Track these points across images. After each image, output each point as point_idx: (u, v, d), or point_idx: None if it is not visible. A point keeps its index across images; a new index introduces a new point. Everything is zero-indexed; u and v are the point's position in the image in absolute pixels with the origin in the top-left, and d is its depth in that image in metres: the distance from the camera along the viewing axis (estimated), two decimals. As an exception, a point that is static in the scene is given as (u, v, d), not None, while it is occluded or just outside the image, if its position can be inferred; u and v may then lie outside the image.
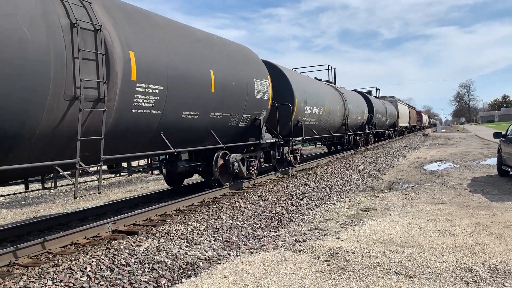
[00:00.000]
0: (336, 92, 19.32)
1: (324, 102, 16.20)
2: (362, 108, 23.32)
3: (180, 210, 8.22)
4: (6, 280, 4.61)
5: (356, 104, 22.05)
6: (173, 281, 4.83)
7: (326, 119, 16.67)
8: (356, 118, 21.87)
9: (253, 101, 10.37)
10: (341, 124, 19.37)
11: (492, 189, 10.02)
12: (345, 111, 19.52)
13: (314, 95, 15.18)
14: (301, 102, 13.72)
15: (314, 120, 15.28)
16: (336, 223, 7.49)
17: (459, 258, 5.14)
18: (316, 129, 15.78)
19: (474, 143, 28.78)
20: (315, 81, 17.54)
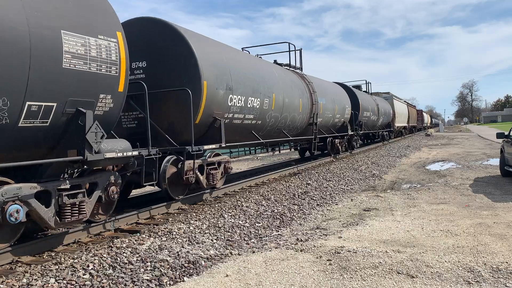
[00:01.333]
0: (299, 81, 14.20)
1: (273, 92, 11.24)
2: (342, 104, 18.60)
3: (182, 209, 8.23)
4: (9, 278, 4.63)
5: (333, 98, 17.31)
6: (175, 280, 4.84)
7: (277, 116, 11.72)
8: (333, 116, 17.39)
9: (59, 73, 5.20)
10: (308, 123, 14.60)
11: (494, 190, 10.00)
12: (313, 106, 14.57)
13: (249, 79, 9.96)
14: (219, 88, 8.59)
15: (252, 117, 10.27)
16: (338, 223, 7.49)
17: (461, 258, 5.14)
18: (257, 130, 10.89)
19: (477, 143, 28.71)
20: (255, 60, 11.60)
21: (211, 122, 8.67)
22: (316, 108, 14.80)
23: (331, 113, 16.97)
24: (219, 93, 8.61)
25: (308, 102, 14.18)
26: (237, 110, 9.43)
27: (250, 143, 11.08)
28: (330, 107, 16.75)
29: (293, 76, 13.97)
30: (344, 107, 18.94)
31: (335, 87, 19.43)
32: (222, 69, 8.79)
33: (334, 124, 18.02)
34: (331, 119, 17.29)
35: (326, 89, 17.11)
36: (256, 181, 11.46)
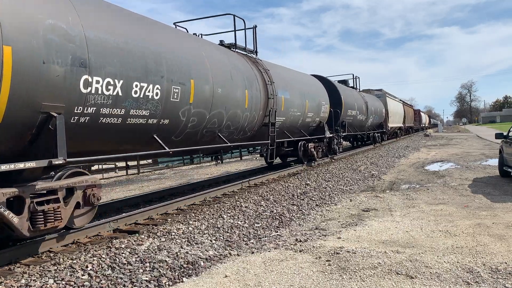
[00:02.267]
0: (246, 67, 10.65)
1: (191, 77, 7.77)
2: (316, 100, 15.12)
3: (181, 209, 8.23)
4: (7, 279, 4.62)
5: (302, 92, 13.90)
6: (174, 280, 4.83)
7: (202, 114, 8.19)
8: (303, 115, 13.87)
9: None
10: (262, 124, 11.25)
11: (493, 190, 10.01)
12: (269, 101, 11.21)
13: (134, 54, 6.46)
14: (52, 62, 5.17)
15: (148, 113, 6.82)
16: (337, 223, 7.49)
17: (460, 259, 5.14)
18: (166, 134, 7.50)
19: (476, 144, 28.75)
20: (155, 29, 7.56)
21: (41, 122, 5.13)
22: (273, 103, 11.35)
23: (299, 110, 13.44)
24: (54, 71, 5.10)
25: (260, 96, 10.73)
26: (106, 101, 5.89)
27: (144, 154, 7.42)
28: (298, 103, 13.32)
29: (238, 60, 10.41)
30: (320, 103, 15.41)
31: (308, 79, 15.74)
32: (62, 32, 5.22)
33: (306, 124, 14.61)
34: (300, 119, 13.76)
35: (292, 80, 13.56)
36: (255, 181, 11.45)
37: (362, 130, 23.99)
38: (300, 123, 13.95)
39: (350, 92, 21.53)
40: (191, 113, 7.87)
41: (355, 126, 21.73)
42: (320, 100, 15.56)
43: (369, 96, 26.54)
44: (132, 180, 16.89)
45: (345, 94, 19.49)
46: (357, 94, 23.07)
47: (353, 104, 20.66)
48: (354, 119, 21.05)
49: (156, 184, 14.68)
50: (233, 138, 10.09)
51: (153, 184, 14.83)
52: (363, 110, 22.90)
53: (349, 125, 20.20)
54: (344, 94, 19.06)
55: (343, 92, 19.02)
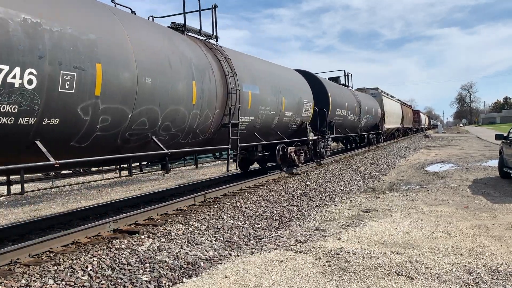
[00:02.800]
0: (198, 54, 8.74)
1: (96, 60, 5.85)
2: (297, 97, 13.29)
3: (181, 210, 8.23)
4: (7, 279, 4.62)
5: (278, 88, 11.87)
6: (174, 281, 4.83)
7: (119, 112, 6.31)
8: (278, 114, 11.86)
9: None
10: (221, 125, 9.31)
11: (493, 191, 10.01)
12: (229, 97, 9.26)
13: None
14: None
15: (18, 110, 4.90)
16: (337, 224, 7.49)
17: (460, 260, 5.14)
18: (48, 138, 5.43)
19: (476, 145, 28.75)
20: None
21: None
22: (236, 100, 9.36)
23: (273, 109, 11.47)
24: None
25: (216, 90, 8.71)
26: None
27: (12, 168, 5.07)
28: (271, 100, 11.32)
29: (186, 45, 8.42)
30: (301, 101, 13.57)
31: (287, 73, 13.67)
32: None
33: (284, 125, 12.67)
34: (275, 118, 11.74)
35: (264, 73, 11.49)
36: (255, 182, 11.45)
37: (354, 132, 22.00)
38: (275, 123, 11.96)
39: (340, 89, 19.53)
40: (100, 110, 5.86)
41: (346, 127, 19.99)
42: (301, 97, 13.65)
43: (363, 95, 24.81)
44: (132, 181, 16.89)
45: (333, 91, 17.77)
46: (348, 92, 21.10)
47: (343, 103, 18.75)
48: (345, 119, 19.34)
49: (156, 185, 14.69)
50: (179, 143, 8.02)
51: (153, 185, 14.84)
52: (355, 109, 21.00)
53: (339, 126, 18.45)
54: (332, 91, 17.31)
55: (330, 90, 17.24)
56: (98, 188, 15.02)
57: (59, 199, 12.71)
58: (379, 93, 29.35)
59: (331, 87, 17.87)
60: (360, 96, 23.23)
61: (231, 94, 9.25)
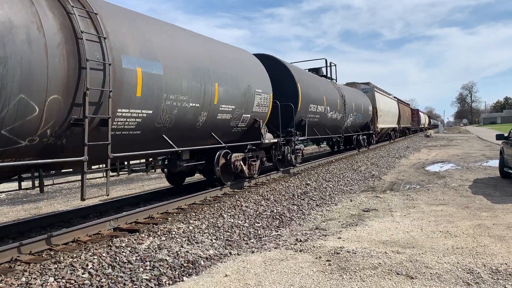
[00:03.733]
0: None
1: None
2: (243, 86, 10.00)
3: (181, 209, 8.23)
4: (8, 277, 4.63)
5: (205, 70, 8.59)
6: (174, 279, 4.84)
7: None
8: (208, 108, 8.67)
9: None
10: (65, 123, 5.61)
11: (494, 191, 10.00)
12: (82, 73, 5.66)
13: None
14: None
15: None
16: (337, 223, 7.49)
17: (460, 260, 5.14)
18: None
19: (476, 145, 28.73)
20: None
21: None
22: (101, 79, 6.01)
23: (195, 100, 8.15)
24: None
25: (47, 60, 5.23)
26: None
27: None
28: (189, 86, 7.94)
29: None
30: (250, 92, 10.18)
31: (227, 52, 10.02)
32: None
33: (222, 124, 9.42)
34: (201, 114, 8.44)
35: (178, 45, 7.99)
36: (255, 181, 11.45)
37: (336, 132, 18.80)
38: (203, 121, 8.54)
39: (314, 81, 15.78)
40: None
41: (325, 126, 16.71)
42: (251, 86, 10.19)
43: (350, 90, 21.68)
44: (133, 179, 16.90)
45: (306, 82, 14.21)
46: (329, 85, 17.73)
47: (320, 97, 15.40)
48: (323, 117, 16.02)
49: (157, 183, 14.70)
50: None
51: (153, 183, 14.85)
52: (338, 106, 17.82)
53: (315, 126, 15.40)
54: (303, 82, 13.84)
55: (300, 79, 13.69)
56: (99, 186, 15.03)
57: (60, 197, 12.71)
58: (371, 89, 26.01)
59: (302, 77, 14.14)
60: (346, 91, 20.16)
61: (88, 70, 5.67)
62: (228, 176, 10.02)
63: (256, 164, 10.93)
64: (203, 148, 9.01)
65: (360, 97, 23.02)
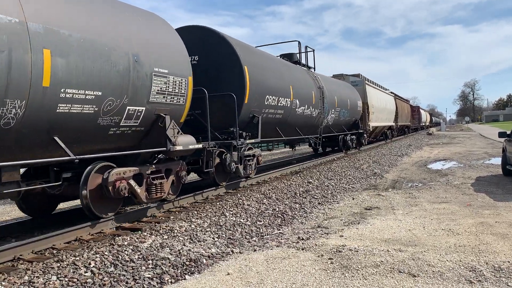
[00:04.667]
0: None
1: None
2: (121, 61, 6.16)
3: (183, 207, 8.24)
4: (11, 275, 4.64)
5: (15, 32, 4.71)
6: (176, 278, 4.84)
7: None
8: (24, 98, 4.87)
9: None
10: None
11: (496, 189, 9.98)
12: None
13: None
14: None
15: None
16: (339, 221, 7.49)
17: (463, 258, 5.13)
18: None
19: (479, 143, 28.66)
20: None
21: None
22: None
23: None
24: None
25: None
26: None
27: None
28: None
29: None
30: (144, 71, 6.66)
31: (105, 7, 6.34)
32: None
33: (81, 122, 5.78)
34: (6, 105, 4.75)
35: None
36: (257, 179, 11.45)
37: (313, 132, 15.23)
38: (16, 118, 4.97)
39: (276, 65, 12.14)
40: None
41: (295, 125, 13.32)
42: (143, 62, 6.58)
43: (332, 81, 18.29)
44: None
45: (258, 66, 10.60)
46: (299, 73, 13.98)
47: (284, 87, 11.92)
48: (289, 113, 12.44)
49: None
50: None
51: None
52: (313, 99, 14.17)
53: (277, 124, 12.00)
54: (253, 65, 10.25)
55: (250, 61, 10.15)
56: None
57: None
58: (361, 81, 22.69)
59: (254, 58, 10.57)
60: (326, 82, 16.49)
61: None
62: (106, 206, 6.57)
63: (164, 182, 7.38)
64: (35, 162, 5.48)
65: (347, 90, 19.64)
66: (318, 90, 15.03)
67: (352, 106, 19.67)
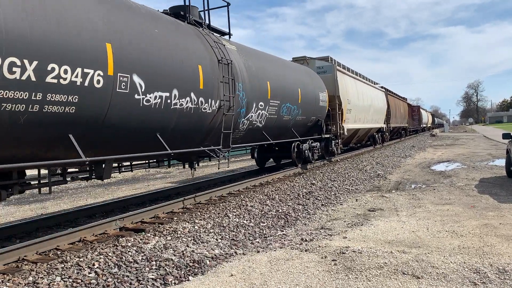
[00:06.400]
0: None
1: None
2: None
3: (187, 208, 8.25)
4: (15, 276, 4.66)
5: None
6: (180, 279, 4.85)
7: None
8: None
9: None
10: None
11: (500, 190, 9.94)
12: None
13: None
14: None
15: None
16: (343, 223, 7.48)
17: (467, 259, 5.11)
18: None
19: (482, 144, 28.56)
20: None
21: None
22: None
23: None
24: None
25: None
26: None
27: None
28: None
29: None
30: None
31: None
32: None
33: None
34: None
35: None
36: (260, 180, 11.45)
37: (201, 140, 8.80)
38: None
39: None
40: None
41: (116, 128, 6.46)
42: None
43: (269, 60, 12.07)
44: (138, 179, 16.96)
45: None
46: (172, 33, 7.71)
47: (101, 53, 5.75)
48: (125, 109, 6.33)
49: (162, 183, 14.74)
50: None
51: (159, 183, 14.89)
52: (199, 81, 8.09)
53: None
54: None
55: None
56: (104, 186, 15.09)
57: (66, 197, 12.78)
58: (330, 67, 16.83)
59: None
60: (247, 56, 10.63)
61: None
62: None
63: None
64: None
65: (302, 77, 13.83)
66: (220, 66, 8.86)
67: (309, 100, 13.86)
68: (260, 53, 12.19)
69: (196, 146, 8.73)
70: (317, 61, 17.36)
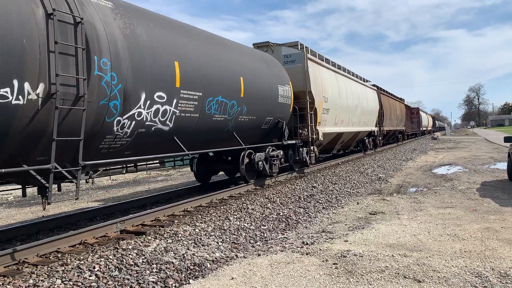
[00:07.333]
0: None
1: None
2: None
3: (187, 211, 8.25)
4: (15, 278, 4.66)
5: None
6: (180, 282, 4.84)
7: None
8: None
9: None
10: None
11: (502, 194, 9.91)
12: None
13: None
14: None
15: None
16: (344, 226, 7.46)
17: (468, 263, 5.09)
18: None
19: (484, 147, 28.51)
20: None
21: None
22: None
23: None
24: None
25: None
26: None
27: None
28: None
29: None
30: None
31: None
32: None
33: None
34: None
35: None
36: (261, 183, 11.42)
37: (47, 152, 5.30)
38: None
39: None
40: None
41: None
42: None
43: (187, 30, 8.26)
44: (139, 182, 16.96)
45: None
46: None
47: None
48: None
49: (163, 186, 14.73)
50: None
51: (160, 186, 14.89)
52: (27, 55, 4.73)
53: None
54: None
55: None
56: (105, 189, 15.09)
57: (66, 200, 12.78)
58: (299, 55, 13.41)
59: None
60: (117, 15, 6.37)
61: None
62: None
63: None
64: None
65: (249, 62, 10.39)
66: (51, 24, 5.20)
67: (261, 95, 10.55)
68: (166, 19, 8.00)
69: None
70: (284, 48, 13.64)
